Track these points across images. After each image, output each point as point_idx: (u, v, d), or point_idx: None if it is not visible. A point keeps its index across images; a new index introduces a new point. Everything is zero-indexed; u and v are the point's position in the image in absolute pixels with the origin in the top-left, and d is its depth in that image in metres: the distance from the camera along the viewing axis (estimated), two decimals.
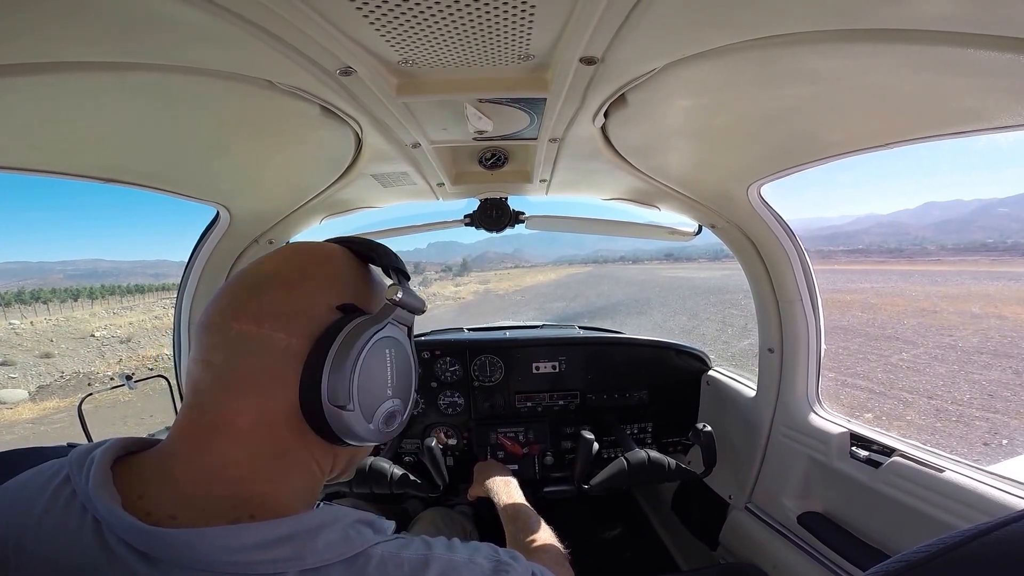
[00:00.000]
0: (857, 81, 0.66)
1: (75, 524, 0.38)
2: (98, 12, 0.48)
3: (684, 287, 40.47)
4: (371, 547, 0.40)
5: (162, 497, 0.40)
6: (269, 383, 0.44)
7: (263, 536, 0.38)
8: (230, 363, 0.44)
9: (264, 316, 0.44)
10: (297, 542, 0.38)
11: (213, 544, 0.36)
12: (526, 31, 0.56)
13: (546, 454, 1.75)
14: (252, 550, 0.37)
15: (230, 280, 0.49)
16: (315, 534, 0.39)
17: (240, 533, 0.37)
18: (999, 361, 14.84)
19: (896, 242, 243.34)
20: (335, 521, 0.41)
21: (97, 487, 0.38)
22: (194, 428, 0.43)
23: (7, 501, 0.42)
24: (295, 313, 0.45)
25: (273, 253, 0.52)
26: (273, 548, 0.37)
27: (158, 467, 0.42)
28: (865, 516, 1.14)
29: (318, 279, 0.48)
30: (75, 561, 0.37)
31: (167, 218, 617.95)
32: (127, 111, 0.72)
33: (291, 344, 0.44)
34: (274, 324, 0.44)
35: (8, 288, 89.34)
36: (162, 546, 0.36)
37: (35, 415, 14.87)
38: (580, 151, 1.03)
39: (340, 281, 0.50)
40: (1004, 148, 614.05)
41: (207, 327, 0.45)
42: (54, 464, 0.44)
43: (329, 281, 0.49)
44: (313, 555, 0.38)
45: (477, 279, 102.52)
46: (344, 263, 0.52)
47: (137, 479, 0.41)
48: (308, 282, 0.48)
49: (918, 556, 0.39)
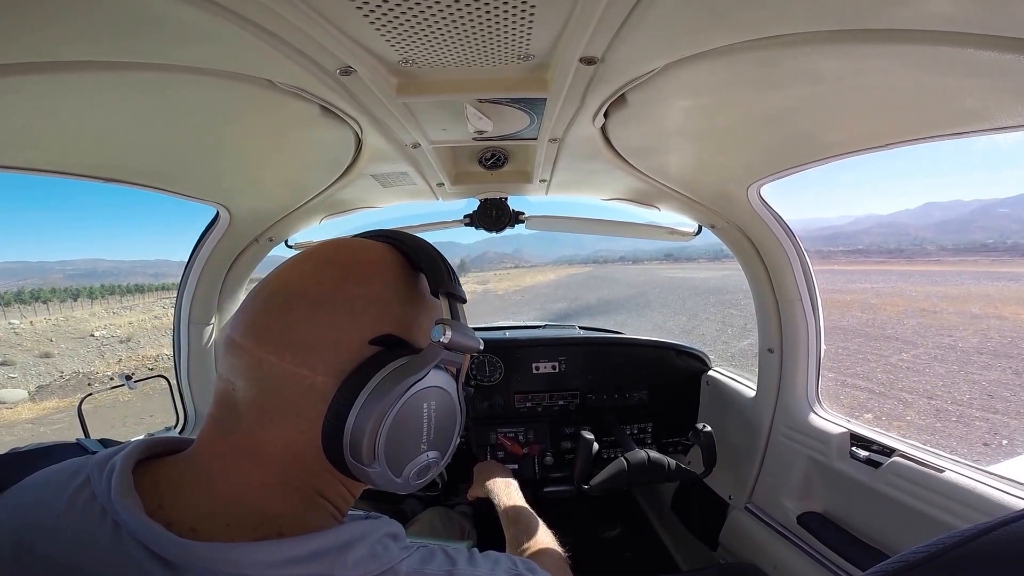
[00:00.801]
0: (857, 81, 0.66)
1: (94, 528, 0.37)
2: (98, 11, 0.48)
3: (684, 287, 40.47)
4: (397, 563, 0.40)
5: (184, 509, 0.39)
6: (293, 420, 0.40)
7: (294, 552, 0.37)
8: (251, 391, 0.40)
9: (286, 345, 0.39)
10: (328, 559, 0.37)
11: (242, 559, 0.35)
12: (526, 31, 0.56)
13: (546, 454, 1.75)
14: (282, 566, 0.36)
15: (259, 288, 0.43)
16: (345, 551, 0.38)
17: (271, 549, 0.36)
18: (999, 361, 14.84)
19: (896, 242, 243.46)
20: (363, 537, 0.40)
21: (120, 493, 0.37)
22: (220, 445, 0.41)
23: (26, 500, 0.41)
24: (320, 344, 0.39)
25: (306, 256, 0.44)
26: (304, 564, 0.36)
27: (181, 478, 0.41)
28: (865, 516, 1.14)
29: (355, 301, 0.41)
30: (92, 565, 0.36)
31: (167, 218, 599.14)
32: (127, 111, 0.72)
33: (315, 383, 0.39)
34: (295, 357, 0.39)
35: (8, 288, 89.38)
36: (187, 556, 0.35)
37: (35, 415, 14.86)
38: (580, 151, 1.03)
39: (380, 304, 0.42)
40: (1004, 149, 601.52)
41: (230, 346, 0.41)
42: (74, 463, 0.43)
43: (367, 304, 0.41)
44: (343, 572, 0.37)
45: (476, 279, 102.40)
46: (391, 277, 0.44)
47: (159, 487, 0.40)
48: (340, 305, 0.40)
49: (918, 556, 0.39)
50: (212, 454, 0.41)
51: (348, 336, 0.40)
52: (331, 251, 0.44)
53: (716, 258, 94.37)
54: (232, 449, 0.40)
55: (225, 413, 0.41)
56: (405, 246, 0.46)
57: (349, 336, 0.40)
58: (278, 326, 0.40)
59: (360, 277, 0.43)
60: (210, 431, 0.42)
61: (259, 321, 0.41)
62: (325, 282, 0.41)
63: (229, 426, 0.41)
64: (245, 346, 0.40)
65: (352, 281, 0.42)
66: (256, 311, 0.41)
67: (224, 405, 0.41)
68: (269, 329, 0.40)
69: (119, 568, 0.36)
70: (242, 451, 0.40)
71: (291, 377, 0.39)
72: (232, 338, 0.41)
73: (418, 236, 0.48)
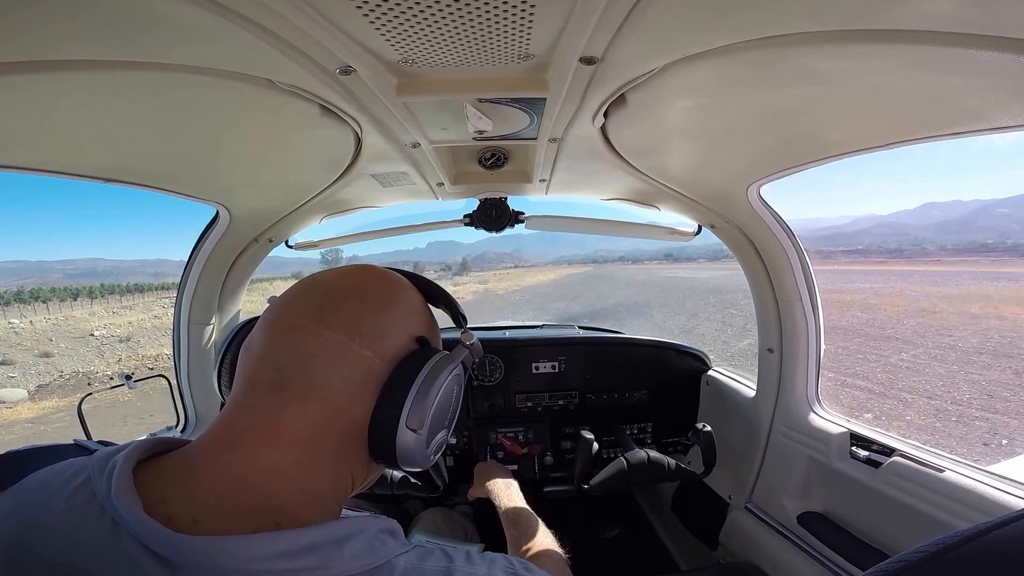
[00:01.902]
0: (857, 81, 0.66)
1: (92, 527, 0.37)
2: (98, 10, 0.48)
3: (683, 287, 40.48)
4: (394, 558, 0.41)
5: (185, 501, 0.39)
6: (341, 395, 0.45)
7: (290, 544, 0.37)
8: (304, 366, 0.44)
9: (356, 331, 0.46)
10: (323, 551, 0.38)
11: (238, 552, 0.36)
12: (526, 31, 0.56)
13: (546, 454, 1.75)
14: (278, 558, 0.36)
15: (307, 285, 0.50)
16: (341, 544, 0.39)
17: (266, 541, 0.37)
18: (999, 361, 14.85)
19: (896, 242, 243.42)
20: (360, 531, 0.41)
21: (120, 492, 0.38)
22: (233, 428, 0.43)
23: (26, 500, 0.41)
24: (382, 334, 0.47)
25: (358, 270, 0.53)
26: (299, 557, 0.37)
27: (184, 470, 0.42)
28: (865, 516, 1.14)
29: (403, 307, 0.51)
30: (90, 564, 0.36)
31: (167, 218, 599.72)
32: (127, 110, 0.72)
33: (374, 364, 0.46)
34: (363, 341, 0.46)
35: (8, 287, 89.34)
36: (184, 552, 0.36)
37: (34, 414, 14.86)
38: (580, 151, 1.03)
39: (418, 314, 0.53)
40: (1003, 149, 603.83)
41: (286, 327, 0.46)
42: (74, 463, 0.43)
43: (410, 311, 0.52)
44: (339, 565, 0.38)
45: (476, 279, 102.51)
46: (418, 297, 0.55)
47: (161, 482, 0.40)
48: (395, 307, 0.50)
49: (918, 556, 0.39)
50: (221, 438, 0.43)
51: (401, 331, 0.49)
52: (377, 270, 0.54)
53: (716, 258, 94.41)
54: (245, 431, 0.43)
55: (251, 396, 0.44)
56: (422, 283, 0.58)
57: (401, 332, 0.49)
58: (348, 315, 0.46)
59: (407, 291, 0.53)
60: (230, 415, 0.44)
61: (326, 310, 0.46)
62: (384, 290, 0.51)
63: (255, 406, 0.44)
64: (307, 327, 0.45)
65: (402, 294, 0.53)
66: (320, 302, 0.47)
67: (251, 387, 0.45)
68: (338, 316, 0.46)
69: (116, 566, 0.36)
70: (255, 432, 0.42)
71: (356, 356, 0.45)
72: (287, 319, 0.46)
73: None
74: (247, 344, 0.48)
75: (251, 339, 0.48)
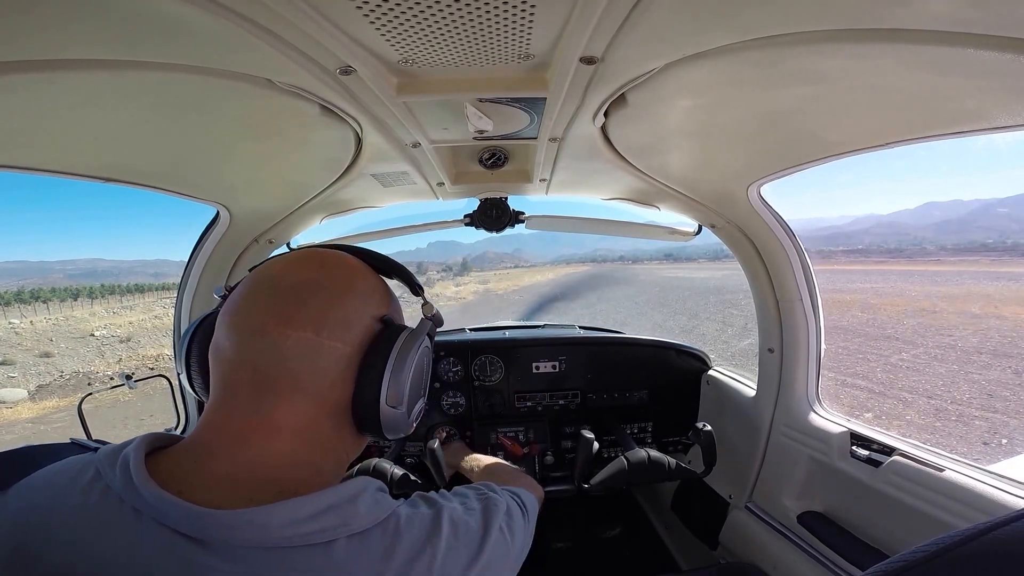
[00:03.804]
0: (857, 81, 0.66)
1: (111, 518, 0.38)
2: (97, 10, 0.48)
3: (684, 287, 40.46)
4: (396, 508, 0.47)
5: (202, 488, 0.40)
6: (321, 385, 0.47)
7: (312, 508, 0.40)
8: (281, 366, 0.45)
9: (322, 325, 0.47)
10: (342, 510, 0.42)
11: (266, 520, 0.38)
12: (526, 31, 0.56)
13: (546, 454, 1.75)
14: (303, 522, 0.39)
15: (262, 278, 0.50)
16: (354, 501, 0.43)
17: (289, 506, 0.40)
18: (999, 361, 14.84)
19: (896, 242, 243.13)
20: (364, 489, 0.46)
21: (142, 480, 0.39)
22: (231, 425, 0.45)
23: (32, 500, 0.41)
24: (348, 323, 0.49)
25: (299, 259, 0.53)
26: (321, 518, 0.40)
27: (195, 462, 0.43)
28: (865, 516, 1.14)
29: (362, 291, 0.52)
30: (116, 553, 0.37)
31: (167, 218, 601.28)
32: (127, 110, 0.72)
33: (346, 352, 0.48)
34: (331, 333, 0.47)
35: (8, 287, 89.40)
36: (212, 527, 0.37)
37: (34, 414, 14.87)
38: (580, 151, 1.03)
39: (377, 292, 0.54)
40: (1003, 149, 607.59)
41: (252, 331, 0.46)
42: (77, 461, 0.44)
43: (369, 292, 0.53)
44: (356, 520, 0.42)
45: (477, 279, 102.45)
46: (374, 276, 0.56)
47: (173, 474, 0.41)
48: (354, 293, 0.51)
49: (918, 556, 0.39)
50: (222, 434, 0.44)
51: (365, 316, 0.51)
52: (329, 256, 0.53)
53: (716, 258, 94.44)
54: (244, 428, 0.44)
55: (232, 395, 0.46)
56: (371, 258, 0.58)
57: (365, 316, 0.50)
58: (312, 312, 0.47)
59: (362, 273, 0.54)
60: (218, 415, 0.46)
61: (289, 308, 0.47)
62: (341, 277, 0.51)
63: (241, 405, 0.45)
64: (274, 329, 0.46)
65: (359, 278, 0.53)
66: (281, 301, 0.47)
67: (230, 387, 0.46)
68: (302, 315, 0.46)
69: (146, 554, 0.37)
70: (254, 427, 0.44)
71: (328, 349, 0.47)
72: (252, 322, 0.46)
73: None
74: (216, 346, 0.48)
75: (219, 341, 0.48)
